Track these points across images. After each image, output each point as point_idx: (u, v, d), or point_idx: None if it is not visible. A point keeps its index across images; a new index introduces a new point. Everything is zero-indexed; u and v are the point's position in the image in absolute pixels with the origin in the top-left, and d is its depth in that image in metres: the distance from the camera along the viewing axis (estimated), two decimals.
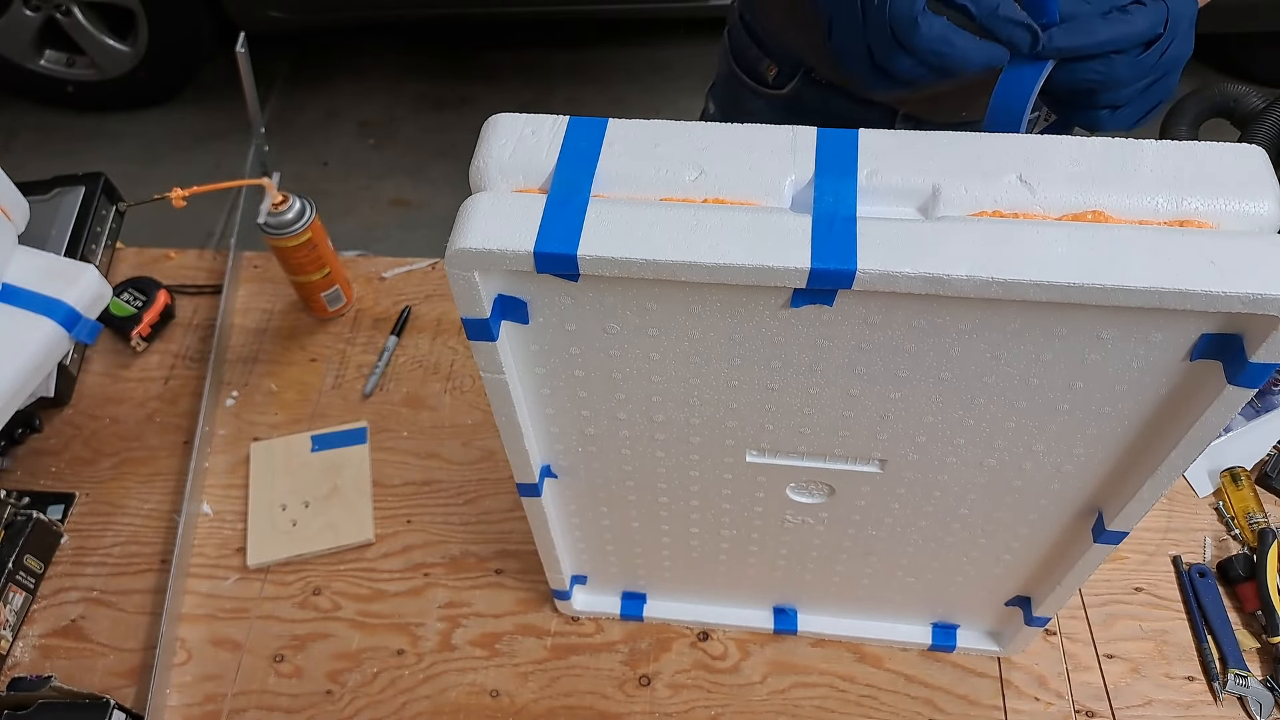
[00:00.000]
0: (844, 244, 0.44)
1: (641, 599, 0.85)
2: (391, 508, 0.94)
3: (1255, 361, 0.45)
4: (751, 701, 0.82)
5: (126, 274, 1.10)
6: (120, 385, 1.03)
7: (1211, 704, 0.80)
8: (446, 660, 0.85)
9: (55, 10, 2.31)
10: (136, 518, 0.94)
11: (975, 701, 0.81)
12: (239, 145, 2.45)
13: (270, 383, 1.03)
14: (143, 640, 0.86)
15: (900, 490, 0.63)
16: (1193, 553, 0.88)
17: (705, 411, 0.57)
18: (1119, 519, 0.60)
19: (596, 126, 0.49)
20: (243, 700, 0.83)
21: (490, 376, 0.54)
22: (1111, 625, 0.84)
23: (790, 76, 0.88)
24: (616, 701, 0.82)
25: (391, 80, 2.63)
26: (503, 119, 0.50)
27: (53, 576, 0.90)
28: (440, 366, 1.03)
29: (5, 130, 2.54)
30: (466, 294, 0.48)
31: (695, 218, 0.45)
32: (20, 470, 0.97)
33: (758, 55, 0.90)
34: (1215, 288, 0.42)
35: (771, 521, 0.69)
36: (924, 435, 0.57)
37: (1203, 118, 0.92)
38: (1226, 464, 0.91)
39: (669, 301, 0.49)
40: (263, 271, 1.12)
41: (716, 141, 0.48)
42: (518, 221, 0.45)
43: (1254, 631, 0.83)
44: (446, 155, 2.45)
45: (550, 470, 0.67)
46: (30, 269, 0.82)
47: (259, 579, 0.90)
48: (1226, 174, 0.46)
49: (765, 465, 0.62)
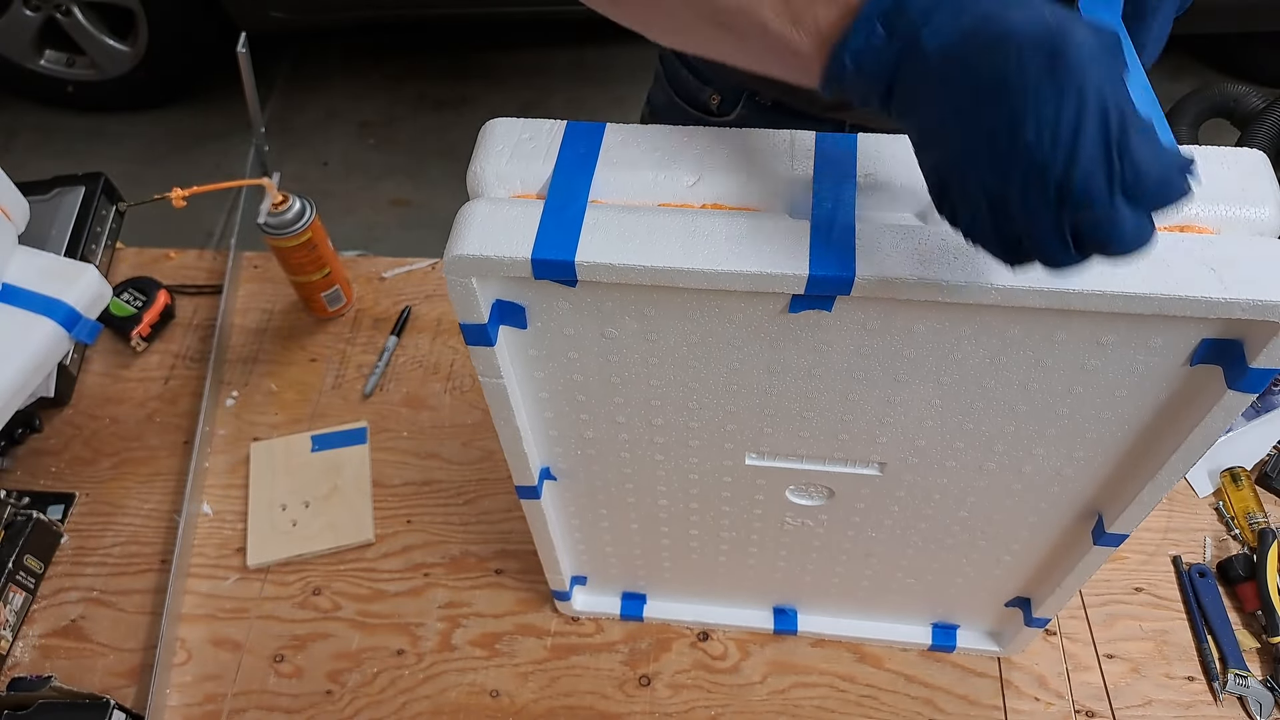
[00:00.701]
0: (842, 250, 0.44)
1: (641, 599, 0.85)
2: (391, 508, 0.94)
3: (1255, 367, 0.45)
4: (751, 701, 0.82)
5: (126, 274, 1.10)
6: (120, 385, 1.03)
7: (1211, 704, 0.80)
8: (446, 660, 0.85)
9: (55, 10, 2.31)
10: (136, 518, 0.94)
11: (975, 701, 0.81)
12: (239, 145, 2.45)
13: (270, 383, 1.03)
14: (143, 640, 0.86)
15: (900, 493, 0.63)
16: (1193, 553, 0.88)
17: (704, 415, 0.57)
18: (1119, 522, 0.60)
19: (594, 131, 0.49)
20: (243, 700, 0.83)
21: (489, 381, 0.54)
22: (1111, 625, 0.85)
23: (734, 103, 0.86)
24: (616, 701, 0.82)
25: (391, 80, 2.63)
26: (500, 124, 0.50)
27: (53, 576, 0.91)
28: (440, 366, 1.03)
29: (5, 130, 2.54)
30: (464, 300, 0.48)
31: (693, 224, 0.45)
32: (20, 470, 0.97)
33: (698, 85, 0.88)
34: (1215, 294, 0.42)
35: (771, 523, 0.69)
36: (923, 439, 0.57)
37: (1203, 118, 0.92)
38: (1226, 464, 0.91)
39: (667, 306, 0.49)
40: (263, 272, 1.12)
41: (714, 147, 0.48)
42: (515, 228, 0.45)
43: (1254, 631, 0.83)
44: (446, 155, 2.44)
45: (549, 473, 0.67)
46: (30, 269, 0.82)
47: (259, 579, 0.90)
48: (1227, 179, 0.46)
49: (765, 468, 0.62)
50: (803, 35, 0.41)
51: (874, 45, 0.38)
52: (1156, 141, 0.35)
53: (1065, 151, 0.34)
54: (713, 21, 0.44)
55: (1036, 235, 0.37)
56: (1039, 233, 0.36)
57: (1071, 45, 0.34)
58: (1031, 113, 0.34)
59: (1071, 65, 0.34)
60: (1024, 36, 0.35)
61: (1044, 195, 0.35)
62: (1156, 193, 0.35)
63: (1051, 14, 0.35)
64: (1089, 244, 0.36)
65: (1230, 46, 2.49)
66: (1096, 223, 0.35)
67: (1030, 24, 0.35)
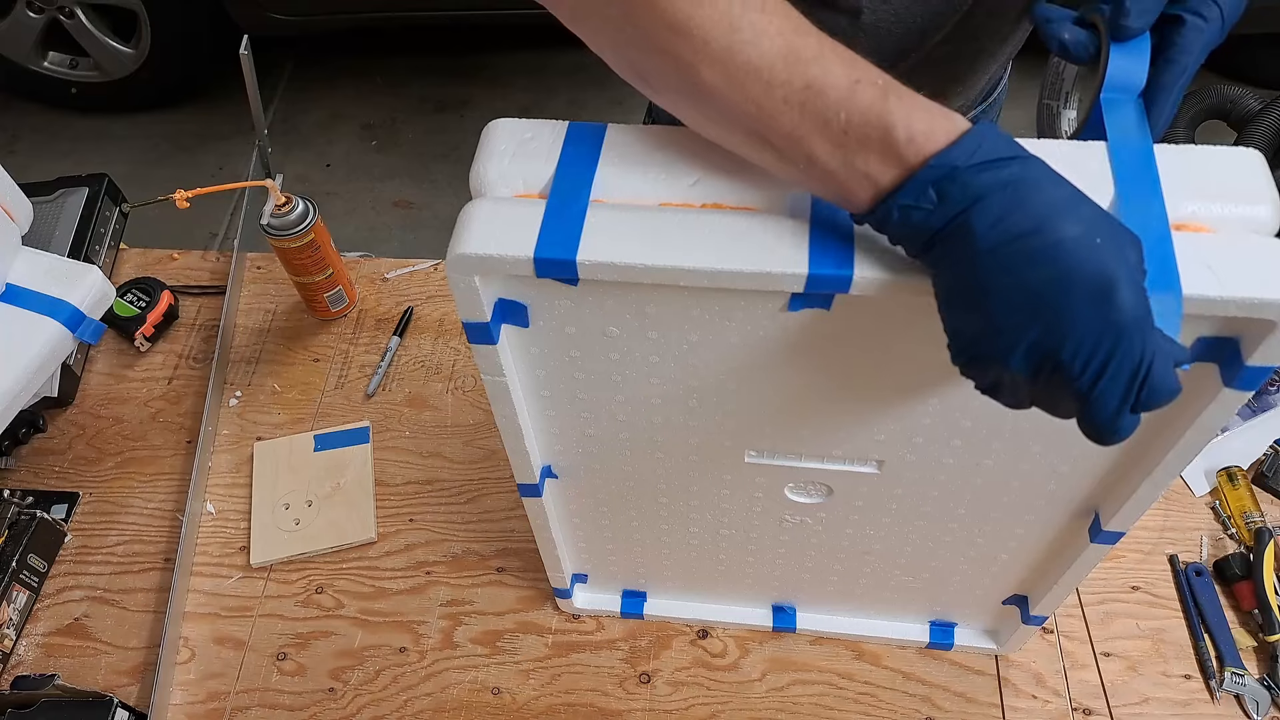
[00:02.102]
0: (841, 249, 0.44)
1: (642, 597, 0.85)
2: (394, 506, 0.94)
3: (1251, 365, 0.46)
4: (751, 699, 0.82)
5: (130, 275, 1.11)
6: (124, 385, 1.04)
7: (1208, 702, 0.80)
8: (448, 658, 0.85)
9: (59, 12, 2.31)
10: (140, 517, 0.95)
11: (973, 699, 0.82)
12: (242, 147, 2.46)
13: (273, 383, 1.03)
14: (146, 639, 0.87)
15: (898, 491, 0.63)
16: (1189, 552, 0.88)
17: (704, 413, 0.58)
18: (1116, 520, 0.60)
19: (595, 132, 0.49)
20: (246, 698, 0.84)
21: (491, 379, 0.55)
22: (1109, 623, 0.85)
23: None
24: (617, 699, 0.83)
25: (394, 82, 2.63)
26: (502, 124, 0.51)
27: (56, 575, 0.91)
28: (442, 366, 1.04)
29: (9, 132, 2.54)
30: (467, 298, 0.48)
31: (694, 223, 0.46)
32: (24, 469, 0.98)
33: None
34: (1212, 292, 0.42)
35: (770, 521, 0.69)
36: (921, 437, 0.57)
37: (1200, 119, 0.93)
38: (1223, 463, 0.92)
39: (668, 305, 0.49)
40: (266, 272, 1.12)
41: (715, 147, 0.48)
42: (518, 227, 0.46)
43: (1250, 630, 0.84)
44: (448, 157, 2.45)
45: (551, 471, 0.67)
46: (34, 270, 0.83)
47: (262, 577, 0.90)
48: (1224, 178, 0.46)
49: (764, 466, 0.62)
50: (853, 178, 0.41)
51: (923, 206, 0.39)
52: (1169, 364, 0.39)
53: (1092, 376, 0.38)
54: (758, 136, 0.43)
55: (1044, 408, 0.42)
56: (1046, 409, 0.42)
57: (1119, 293, 0.37)
58: (1071, 338, 0.38)
59: (1117, 309, 0.37)
60: (1076, 268, 0.37)
61: (1065, 393, 0.40)
62: (1157, 404, 0.39)
63: (1102, 237, 0.38)
64: (1086, 430, 0.41)
65: (1227, 48, 2.49)
66: (1099, 427, 0.40)
67: (1081, 250, 0.37)
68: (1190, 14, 0.49)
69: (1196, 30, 0.49)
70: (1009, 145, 0.39)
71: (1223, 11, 0.50)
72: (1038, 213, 0.38)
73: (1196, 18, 0.49)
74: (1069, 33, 0.51)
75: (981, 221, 0.38)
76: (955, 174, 0.38)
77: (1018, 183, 0.38)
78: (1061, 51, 0.52)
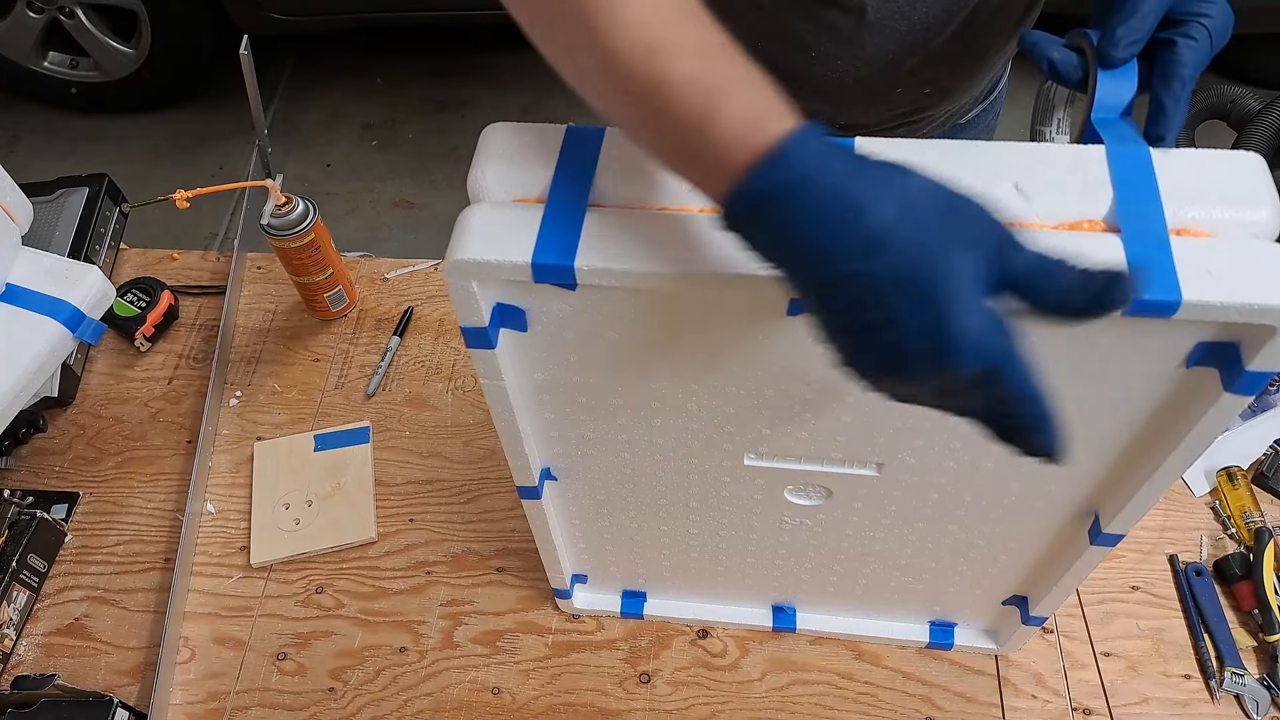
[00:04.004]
0: None
1: (641, 597, 0.86)
2: (394, 506, 0.94)
3: (1252, 370, 0.45)
4: (750, 699, 0.82)
5: (130, 275, 1.11)
6: (124, 385, 1.04)
7: (1208, 702, 0.80)
8: (448, 658, 0.85)
9: (59, 12, 2.31)
10: (140, 517, 0.95)
11: (973, 699, 0.82)
12: (242, 147, 2.46)
13: (273, 383, 1.03)
14: (146, 639, 0.87)
15: (897, 493, 0.63)
16: (1189, 552, 0.88)
17: (703, 416, 0.58)
18: (1116, 522, 0.60)
19: (594, 136, 0.49)
20: (246, 698, 0.84)
21: (489, 383, 0.55)
22: (1108, 623, 0.85)
23: None
24: (617, 699, 0.83)
25: (394, 83, 2.63)
26: (500, 128, 0.50)
27: (56, 575, 0.91)
28: (442, 367, 1.04)
29: (9, 132, 2.54)
30: (465, 303, 0.48)
31: (692, 228, 0.46)
32: (24, 469, 0.98)
33: None
34: (1213, 298, 0.42)
35: (770, 523, 0.69)
36: (920, 439, 0.57)
37: (1199, 119, 0.92)
38: (1223, 463, 0.92)
39: (666, 310, 0.49)
40: (266, 272, 1.12)
41: None
42: (515, 232, 0.46)
43: (1250, 630, 0.84)
44: (448, 157, 2.45)
45: (550, 473, 0.68)
46: (34, 270, 0.83)
47: (262, 577, 0.90)
48: (1224, 182, 0.46)
49: (763, 468, 0.62)
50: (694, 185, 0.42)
51: (743, 243, 0.40)
52: (973, 310, 0.38)
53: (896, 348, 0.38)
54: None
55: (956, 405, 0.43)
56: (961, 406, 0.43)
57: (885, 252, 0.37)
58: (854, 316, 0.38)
59: (880, 256, 0.37)
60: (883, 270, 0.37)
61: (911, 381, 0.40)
62: (971, 357, 0.38)
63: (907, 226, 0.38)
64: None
65: (1227, 49, 2.49)
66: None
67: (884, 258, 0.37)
68: (1181, 37, 0.50)
69: (1189, 49, 0.49)
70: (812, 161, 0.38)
71: (1210, 33, 0.50)
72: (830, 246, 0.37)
73: (1187, 40, 0.50)
74: (1058, 52, 0.52)
75: (791, 269, 0.39)
76: (757, 213, 0.38)
77: (812, 216, 0.37)
78: (1050, 71, 0.52)
